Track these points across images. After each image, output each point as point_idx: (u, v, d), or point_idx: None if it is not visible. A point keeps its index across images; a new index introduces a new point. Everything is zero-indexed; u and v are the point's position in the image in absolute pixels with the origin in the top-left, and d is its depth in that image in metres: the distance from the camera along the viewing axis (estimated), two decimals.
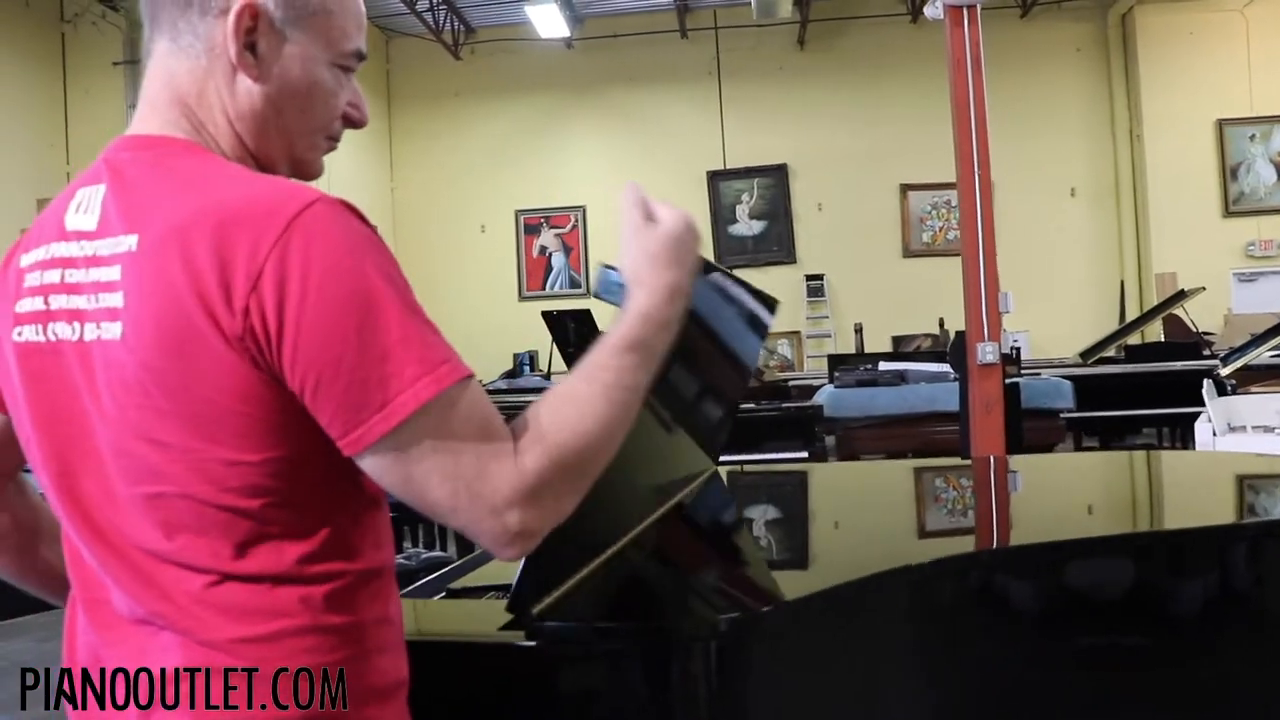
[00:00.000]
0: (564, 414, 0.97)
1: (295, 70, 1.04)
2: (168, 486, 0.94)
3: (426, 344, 0.91)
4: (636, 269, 1.08)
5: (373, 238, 0.94)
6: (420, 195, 12.50)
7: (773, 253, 11.96)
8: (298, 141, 1.07)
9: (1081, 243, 11.57)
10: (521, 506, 0.92)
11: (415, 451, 0.91)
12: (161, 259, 0.92)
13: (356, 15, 1.08)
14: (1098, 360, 8.56)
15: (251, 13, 1.01)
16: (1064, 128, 11.51)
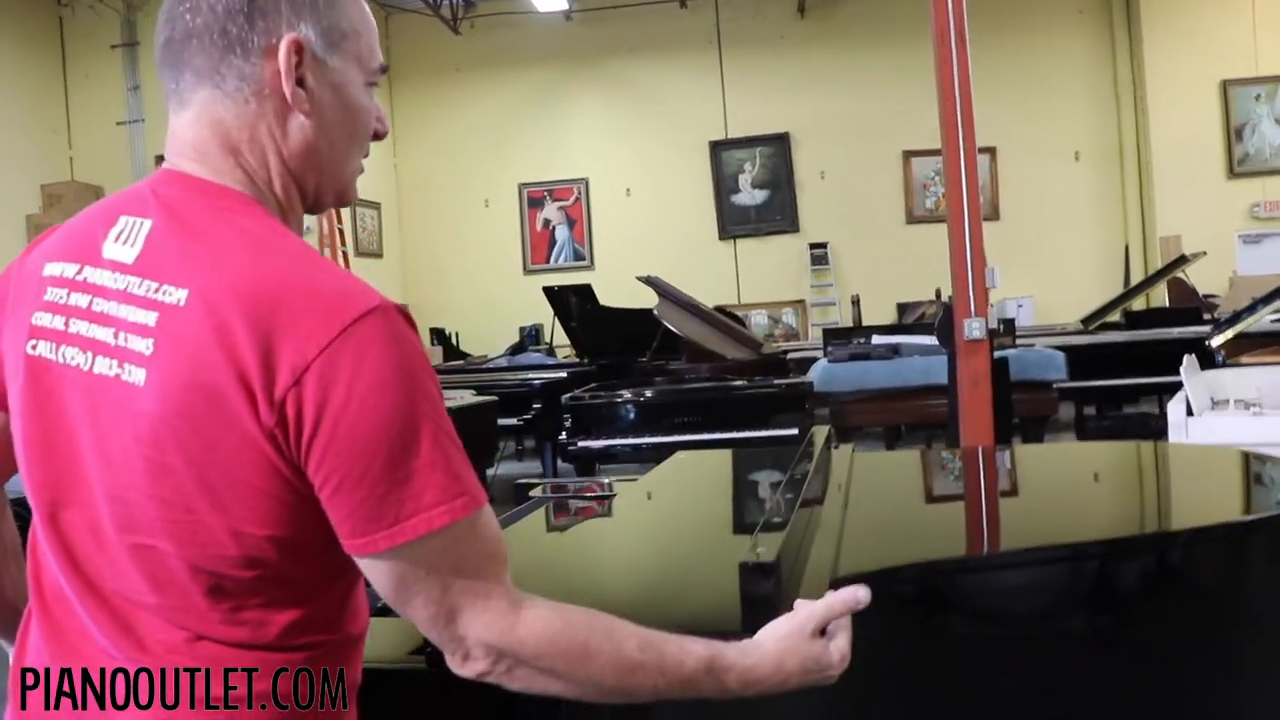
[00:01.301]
0: (599, 643, 0.98)
1: (340, 98, 1.03)
2: (161, 543, 0.94)
3: (450, 473, 0.92)
4: (783, 653, 1.07)
5: (421, 355, 0.94)
6: (423, 170, 12.51)
7: (776, 222, 11.94)
8: (346, 168, 1.07)
9: (1085, 207, 11.50)
10: (484, 654, 0.96)
11: (411, 570, 0.93)
12: (208, 323, 0.90)
13: (375, 30, 1.08)
14: (1100, 326, 8.55)
15: (297, 48, 0.99)
16: (1067, 91, 11.42)
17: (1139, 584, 1.56)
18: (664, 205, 12.00)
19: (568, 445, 5.43)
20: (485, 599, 0.95)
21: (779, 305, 11.96)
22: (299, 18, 1.00)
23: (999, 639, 1.48)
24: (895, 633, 1.41)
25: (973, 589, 1.47)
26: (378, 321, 0.91)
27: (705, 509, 2.06)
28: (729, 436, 5.26)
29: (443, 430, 0.93)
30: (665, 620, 1.30)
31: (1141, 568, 1.55)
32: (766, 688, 1.06)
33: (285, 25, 0.99)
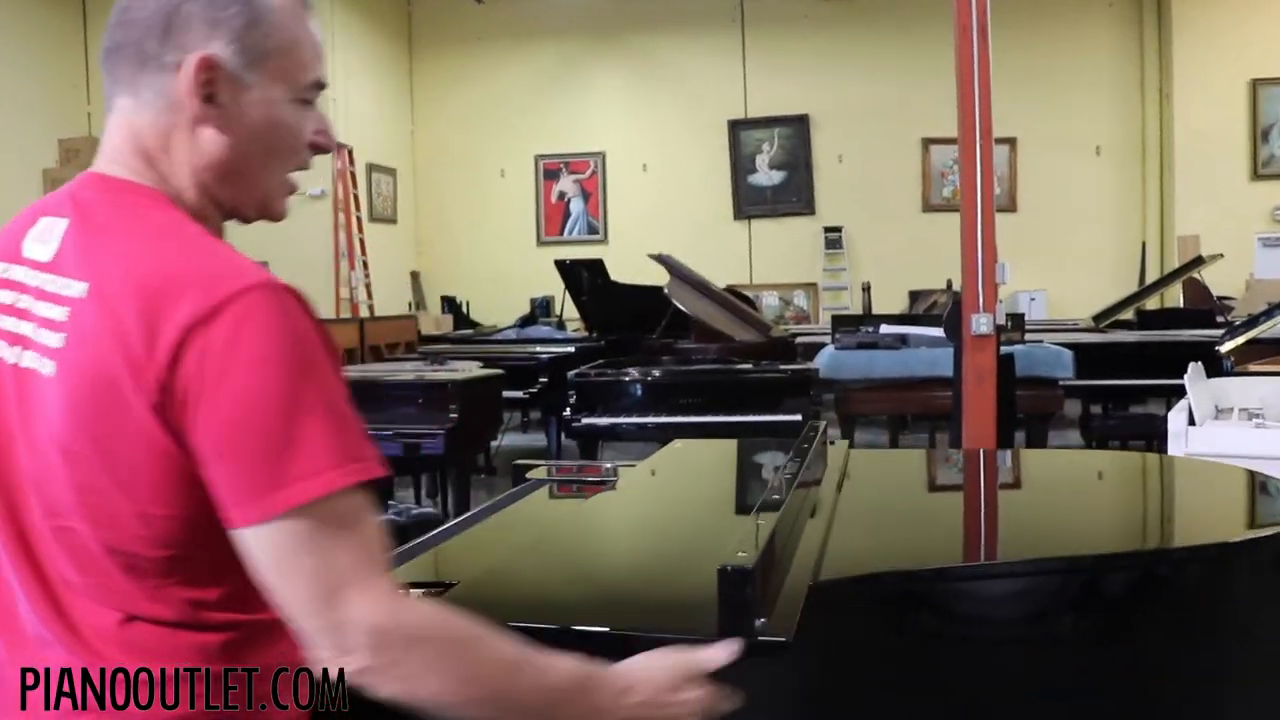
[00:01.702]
0: (480, 637, 0.99)
1: (257, 115, 1.05)
2: (78, 524, 0.98)
3: (344, 439, 0.94)
4: (642, 678, 1.09)
5: (310, 330, 0.95)
6: (440, 138, 12.49)
7: (791, 203, 11.90)
8: (265, 184, 1.09)
9: (1104, 202, 11.43)
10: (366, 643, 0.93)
11: (294, 541, 0.92)
12: (104, 313, 0.94)
13: (313, 45, 1.09)
14: (1112, 324, 8.51)
15: (207, 64, 1.02)
16: (1091, 84, 11.32)
17: (1126, 599, 1.56)
18: (680, 182, 11.97)
19: (572, 422, 5.44)
20: (372, 578, 0.94)
21: (791, 287, 11.94)
22: (214, 35, 1.03)
23: (979, 647, 1.49)
24: (876, 637, 1.42)
25: (955, 598, 1.47)
26: (258, 296, 0.94)
27: (693, 503, 2.07)
28: (733, 420, 5.26)
29: (336, 400, 0.95)
30: (644, 612, 1.32)
31: (1130, 583, 1.56)
32: (632, 703, 1.06)
33: (199, 43, 1.02)
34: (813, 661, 1.27)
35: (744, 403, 5.30)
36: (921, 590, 1.40)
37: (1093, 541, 1.72)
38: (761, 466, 2.39)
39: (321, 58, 1.11)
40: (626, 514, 1.93)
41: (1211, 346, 5.89)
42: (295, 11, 1.08)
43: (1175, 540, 1.82)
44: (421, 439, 5.06)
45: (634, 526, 1.87)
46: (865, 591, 1.39)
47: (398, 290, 12.08)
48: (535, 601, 1.40)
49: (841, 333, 6.50)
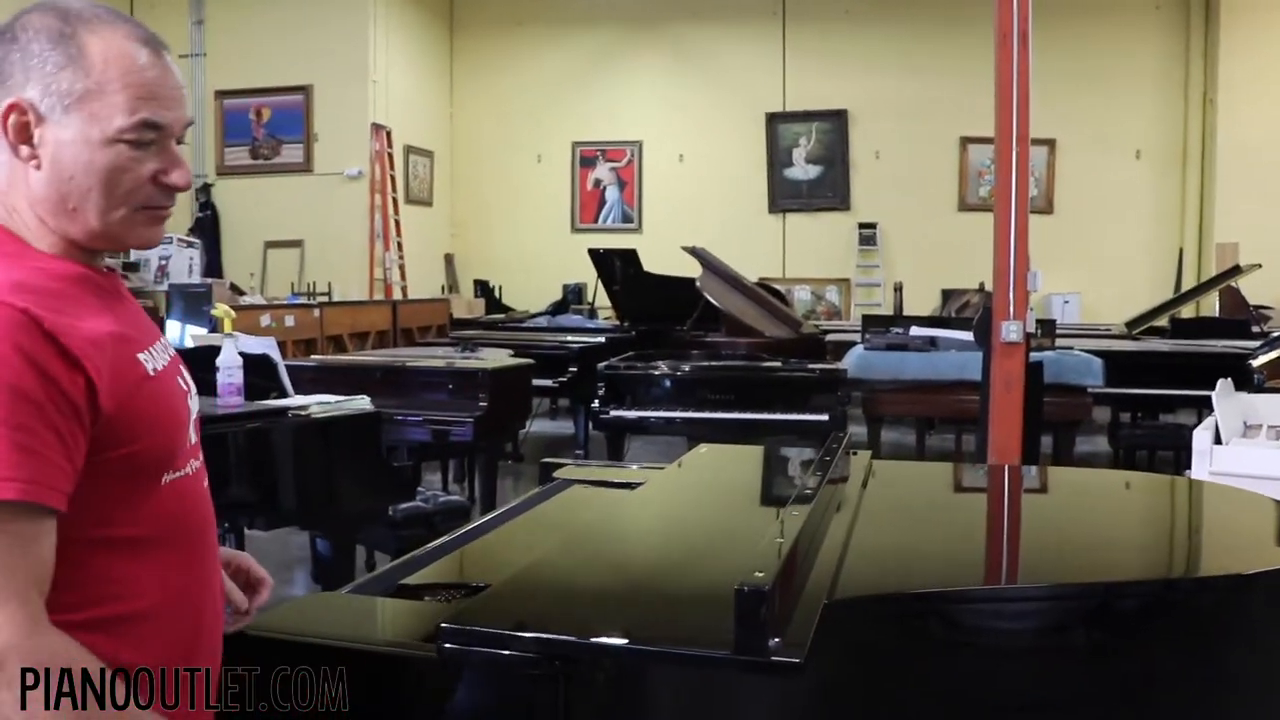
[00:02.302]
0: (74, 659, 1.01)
1: (69, 156, 1.11)
2: None
3: (10, 458, 0.97)
4: None
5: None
6: (478, 122, 12.55)
7: (827, 198, 11.87)
8: (98, 219, 1.13)
9: (1142, 206, 11.32)
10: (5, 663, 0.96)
11: None
12: None
13: (143, 86, 1.13)
14: (1145, 331, 8.46)
15: (19, 109, 1.10)
16: (1134, 87, 11.20)
17: (1138, 624, 1.59)
18: (716, 174, 11.97)
19: (600, 413, 5.49)
20: (8, 603, 0.97)
21: (824, 282, 11.92)
22: (29, 82, 1.10)
23: (989, 667, 1.52)
24: (889, 655, 1.46)
25: (968, 618, 1.51)
26: None
27: (717, 511, 2.11)
28: (760, 418, 5.30)
29: (12, 414, 0.98)
30: (664, 624, 1.36)
31: (1142, 610, 1.58)
32: None
33: (16, 89, 1.10)
34: (826, 676, 1.31)
35: (772, 401, 5.34)
36: (934, 610, 1.44)
37: (1109, 567, 1.74)
38: (785, 475, 2.42)
39: (162, 99, 1.15)
40: (650, 520, 1.98)
41: (1245, 359, 5.86)
42: (120, 56, 1.12)
43: (1192, 569, 1.84)
44: (450, 426, 5.13)
45: (657, 534, 1.91)
46: (879, 611, 1.43)
47: (431, 273, 12.17)
48: (560, 608, 1.44)
49: (871, 333, 6.51)
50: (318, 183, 10.81)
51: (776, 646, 1.21)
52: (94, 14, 1.13)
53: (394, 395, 5.22)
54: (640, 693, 1.28)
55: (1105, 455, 7.28)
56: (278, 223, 10.56)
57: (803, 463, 2.26)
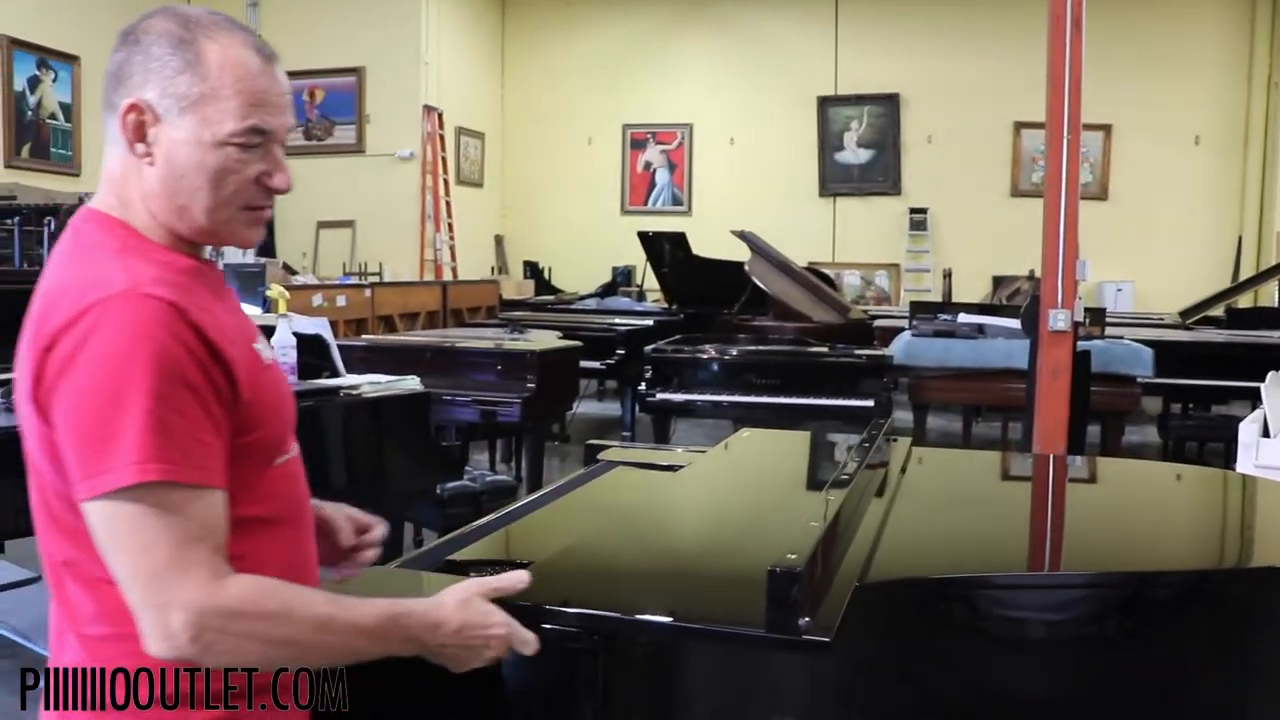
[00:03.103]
0: (288, 599, 1.11)
1: (181, 155, 1.18)
2: (36, 505, 1.18)
3: (153, 442, 1.05)
4: (459, 602, 1.22)
5: (152, 336, 1.07)
6: (529, 102, 12.61)
7: (878, 183, 11.81)
8: (205, 217, 1.20)
9: (1200, 193, 11.13)
10: (194, 616, 1.04)
11: (114, 524, 1.06)
12: (29, 326, 1.14)
13: (254, 93, 1.19)
14: (1200, 320, 8.33)
15: (137, 109, 1.17)
16: (1195, 71, 11.00)
17: (1167, 616, 1.60)
18: (766, 157, 11.94)
19: (646, 396, 5.54)
20: (191, 565, 1.06)
21: (873, 267, 11.87)
22: (147, 82, 1.17)
23: (1013, 652, 1.55)
24: (918, 637, 1.49)
25: (996, 604, 1.54)
26: (112, 304, 1.08)
27: (757, 494, 2.15)
28: (805, 402, 5.32)
29: (166, 405, 1.06)
30: (701, 602, 1.41)
31: (1173, 602, 1.60)
32: (445, 634, 1.19)
33: (135, 89, 1.17)
34: (856, 656, 1.35)
35: (818, 386, 5.35)
36: (962, 596, 1.47)
37: (1138, 557, 1.77)
38: (824, 460, 2.45)
39: (270, 106, 1.21)
40: (690, 502, 2.02)
41: None
42: (235, 63, 1.19)
43: (1226, 560, 1.85)
44: (498, 406, 5.20)
45: (696, 515, 1.96)
46: (910, 594, 1.46)
47: (481, 254, 12.27)
48: (600, 585, 1.50)
49: (919, 319, 6.49)
50: (370, 164, 10.94)
51: (807, 626, 1.25)
52: (212, 21, 1.20)
53: (443, 375, 5.30)
54: (676, 667, 1.32)
55: (1155, 446, 7.21)
56: (330, 203, 10.72)
57: (842, 448, 2.29)
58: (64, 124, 9.49)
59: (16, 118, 9.07)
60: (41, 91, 9.29)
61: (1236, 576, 1.63)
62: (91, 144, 9.61)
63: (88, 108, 9.56)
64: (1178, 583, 1.60)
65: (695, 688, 1.35)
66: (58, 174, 9.30)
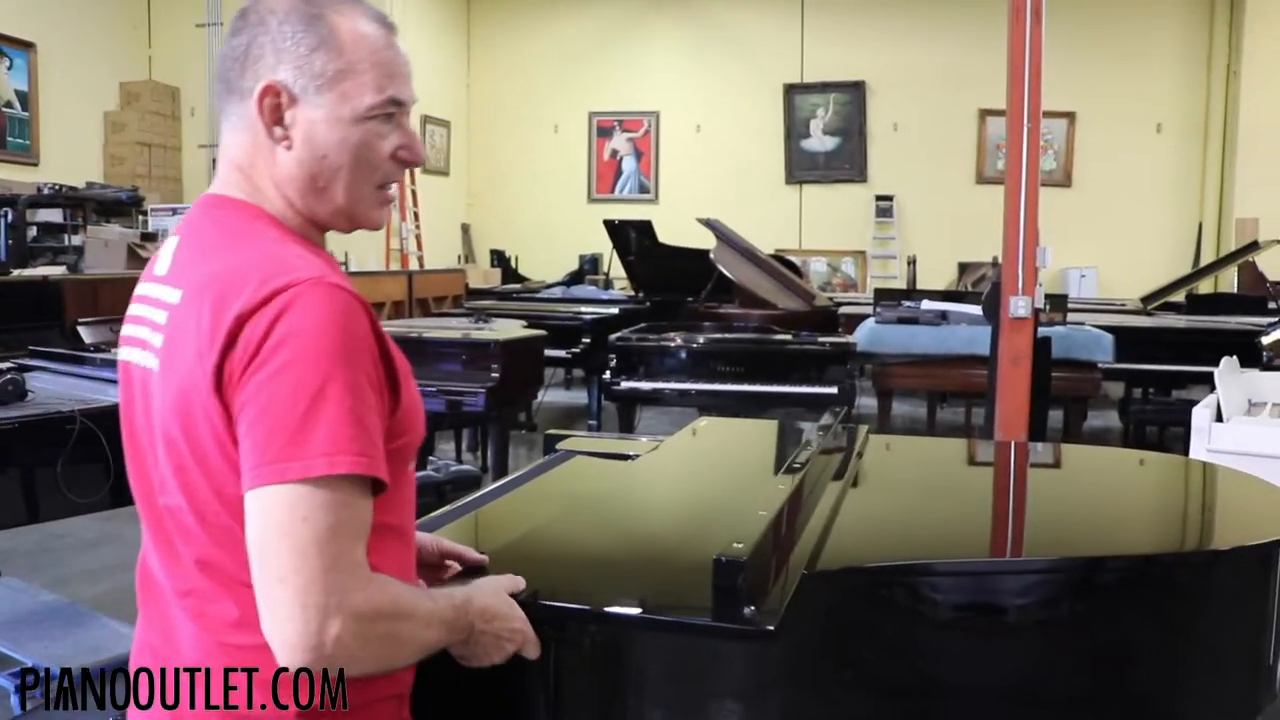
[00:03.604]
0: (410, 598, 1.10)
1: (321, 135, 1.14)
2: (177, 502, 1.11)
3: (352, 434, 1.01)
4: (498, 592, 1.25)
5: (351, 328, 1.04)
6: (495, 90, 12.55)
7: (844, 170, 11.84)
8: (344, 198, 1.17)
9: (1162, 180, 11.25)
10: (347, 619, 0.99)
11: (283, 513, 1.00)
12: (189, 314, 1.08)
13: (386, 65, 1.17)
14: (1161, 306, 8.42)
15: (273, 91, 1.13)
16: (1156, 59, 11.10)
17: (1116, 601, 1.62)
18: (733, 145, 11.94)
19: (611, 385, 5.54)
20: (354, 567, 1.02)
21: (840, 254, 11.91)
22: (280, 63, 1.14)
23: (957, 638, 1.56)
24: (864, 626, 1.50)
25: (937, 592, 1.54)
26: (304, 290, 1.03)
27: (710, 482, 2.15)
28: (771, 390, 5.34)
29: (356, 398, 1.03)
30: (650, 592, 1.41)
31: (1121, 586, 1.61)
32: (493, 622, 1.20)
33: (268, 71, 1.13)
34: (804, 644, 1.35)
35: (782, 373, 5.37)
36: (907, 582, 1.48)
37: (1095, 542, 1.78)
38: (779, 448, 2.46)
39: (401, 77, 1.19)
40: (642, 492, 2.02)
41: (1258, 335, 5.84)
42: (365, 36, 1.16)
43: (1179, 545, 1.87)
44: (464, 396, 5.19)
45: (647, 505, 1.96)
46: (856, 581, 1.47)
47: (448, 243, 12.21)
48: (549, 576, 1.50)
49: (883, 306, 6.52)
50: None
51: (752, 615, 1.25)
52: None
53: (410, 366, 5.28)
54: (626, 656, 1.33)
55: (1116, 431, 7.29)
56: None
57: (797, 436, 2.30)
58: (21, 112, 9.34)
59: None
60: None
61: (1183, 560, 1.65)
62: (50, 133, 9.48)
63: (45, 95, 9.42)
64: (1125, 567, 1.61)
65: (647, 676, 1.35)
66: (14, 164, 9.16)
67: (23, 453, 2.92)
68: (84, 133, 9.80)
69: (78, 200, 8.98)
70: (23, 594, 3.64)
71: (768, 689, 1.33)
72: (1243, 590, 1.64)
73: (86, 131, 9.83)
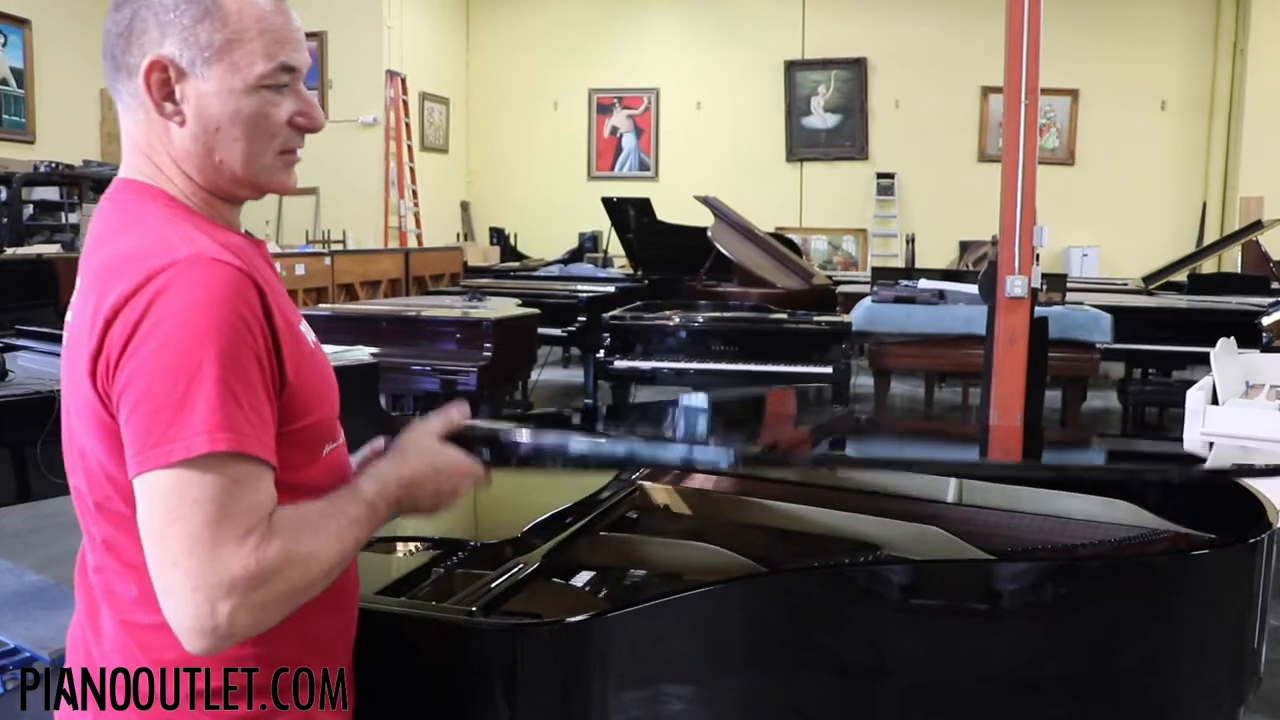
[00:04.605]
0: (308, 535, 1.05)
1: (214, 108, 1.10)
2: (79, 483, 1.11)
3: (223, 411, 0.98)
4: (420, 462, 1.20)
5: (221, 306, 1.00)
6: (495, 68, 12.46)
7: (845, 148, 11.76)
8: (244, 168, 1.13)
9: (1166, 158, 11.15)
10: (240, 594, 0.98)
11: (174, 495, 0.98)
12: (81, 304, 1.06)
13: (276, 30, 1.12)
14: (1163, 285, 8.35)
15: (160, 66, 1.09)
16: (1161, 36, 10.99)
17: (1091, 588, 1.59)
18: (733, 122, 11.86)
19: (606, 363, 5.50)
20: (244, 537, 0.99)
21: (840, 232, 11.85)
22: (165, 37, 1.09)
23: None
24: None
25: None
26: (185, 267, 1.01)
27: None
28: (765, 369, 5.30)
29: (237, 375, 1.00)
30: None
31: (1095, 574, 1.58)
32: (421, 488, 1.19)
33: (153, 46, 1.09)
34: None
35: (777, 352, 5.33)
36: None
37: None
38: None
39: (292, 42, 1.14)
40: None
41: (1258, 316, 5.78)
42: (252, 2, 1.12)
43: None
44: (456, 375, 5.16)
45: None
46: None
47: (447, 220, 12.16)
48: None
49: (880, 285, 6.46)
50: (332, 130, 10.63)
51: None
52: None
53: (403, 344, 5.25)
54: (585, 645, 1.30)
55: (1116, 412, 7.24)
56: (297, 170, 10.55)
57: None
58: (16, 90, 9.29)
59: None
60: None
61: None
62: (45, 110, 9.43)
63: (41, 73, 9.36)
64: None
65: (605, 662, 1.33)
66: (10, 141, 9.12)
67: (5, 432, 2.91)
68: (80, 110, 9.74)
69: (74, 178, 8.95)
70: (8, 574, 3.61)
71: (726, 671, 1.31)
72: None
73: (83, 109, 9.77)
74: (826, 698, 1.41)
